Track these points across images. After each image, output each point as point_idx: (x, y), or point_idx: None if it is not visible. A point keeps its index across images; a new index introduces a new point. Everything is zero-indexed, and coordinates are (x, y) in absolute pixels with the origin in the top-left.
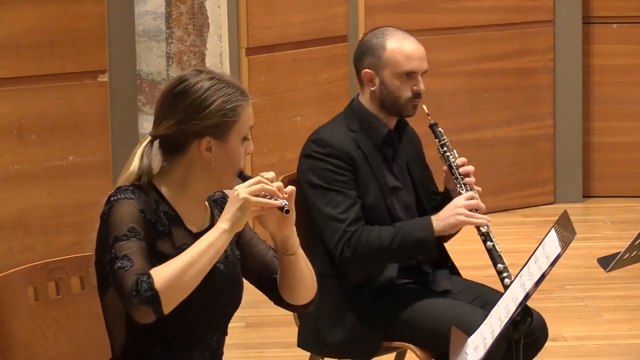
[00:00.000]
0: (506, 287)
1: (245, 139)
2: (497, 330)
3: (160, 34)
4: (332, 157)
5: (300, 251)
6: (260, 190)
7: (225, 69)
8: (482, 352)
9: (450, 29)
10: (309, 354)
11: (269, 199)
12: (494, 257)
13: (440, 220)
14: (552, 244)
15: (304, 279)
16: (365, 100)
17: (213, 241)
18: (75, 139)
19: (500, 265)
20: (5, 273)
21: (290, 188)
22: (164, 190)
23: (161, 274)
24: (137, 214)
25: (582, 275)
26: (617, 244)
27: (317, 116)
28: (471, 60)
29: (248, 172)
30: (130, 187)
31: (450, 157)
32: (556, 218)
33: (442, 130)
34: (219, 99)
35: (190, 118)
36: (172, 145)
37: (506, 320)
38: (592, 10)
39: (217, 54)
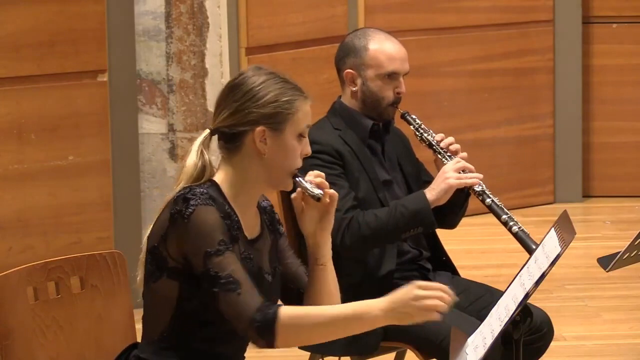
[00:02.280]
0: (515, 235)
1: (301, 136)
2: (497, 330)
3: (160, 33)
4: (319, 153)
5: (331, 265)
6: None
7: (225, 69)
8: (482, 352)
9: (450, 29)
10: (308, 353)
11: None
12: (496, 210)
13: (432, 189)
14: (551, 243)
15: (331, 293)
16: (347, 100)
17: (362, 318)
18: (75, 139)
19: (504, 217)
20: (4, 273)
21: (333, 192)
22: (225, 191)
23: (289, 319)
24: (221, 222)
25: (582, 275)
26: (617, 243)
27: (317, 116)
28: (471, 60)
29: None
30: (204, 190)
31: (429, 136)
32: (556, 218)
33: (414, 116)
34: (274, 90)
35: (245, 107)
36: (229, 138)
37: (506, 320)
38: (592, 10)
39: (217, 54)
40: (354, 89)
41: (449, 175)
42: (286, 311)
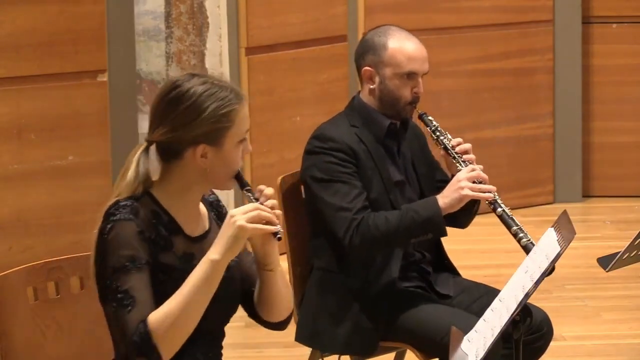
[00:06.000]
0: (524, 248)
1: (241, 141)
2: (497, 330)
3: (159, 33)
4: (334, 150)
5: (280, 269)
6: (258, 218)
7: (225, 69)
8: (481, 352)
9: (450, 28)
10: (307, 353)
11: (263, 224)
12: (506, 220)
13: (445, 197)
14: (549, 242)
15: (280, 297)
16: (365, 96)
17: (206, 276)
18: (75, 139)
19: (514, 228)
20: (4, 273)
21: (279, 212)
22: (161, 198)
23: (159, 324)
24: (136, 237)
25: (582, 275)
26: (617, 243)
27: (317, 116)
28: (471, 60)
29: (247, 171)
30: (129, 203)
31: (445, 140)
32: (556, 218)
33: (431, 118)
34: (212, 104)
35: (183, 125)
36: (168, 151)
37: (506, 320)
38: (591, 10)
39: (217, 54)
40: (372, 86)
41: (464, 185)
42: (155, 318)
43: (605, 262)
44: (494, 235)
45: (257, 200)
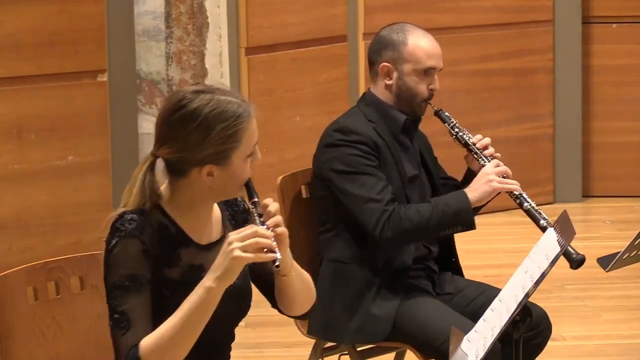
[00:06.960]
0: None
1: (250, 154)
2: (497, 330)
3: (159, 33)
4: (358, 143)
5: (294, 273)
6: (255, 247)
7: (225, 69)
8: (481, 352)
9: (450, 28)
10: (308, 353)
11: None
12: (534, 215)
13: (473, 190)
14: (549, 242)
15: (298, 296)
16: (379, 92)
17: (201, 302)
18: (74, 138)
19: (543, 222)
20: (4, 273)
21: (283, 230)
22: (170, 210)
23: (150, 350)
24: (139, 256)
25: (581, 275)
26: (617, 243)
27: (317, 116)
28: (470, 60)
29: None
30: (135, 217)
31: (464, 136)
32: (556, 218)
33: (448, 114)
34: (218, 125)
35: (189, 148)
36: (174, 169)
37: (506, 320)
38: (591, 10)
39: (217, 54)
40: (389, 82)
41: (492, 178)
42: (147, 345)
43: (605, 262)
44: (494, 235)
45: (260, 216)
